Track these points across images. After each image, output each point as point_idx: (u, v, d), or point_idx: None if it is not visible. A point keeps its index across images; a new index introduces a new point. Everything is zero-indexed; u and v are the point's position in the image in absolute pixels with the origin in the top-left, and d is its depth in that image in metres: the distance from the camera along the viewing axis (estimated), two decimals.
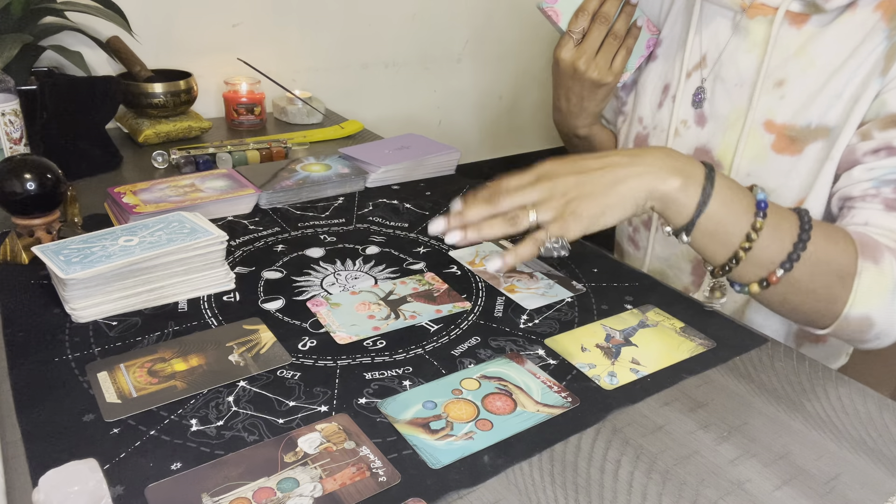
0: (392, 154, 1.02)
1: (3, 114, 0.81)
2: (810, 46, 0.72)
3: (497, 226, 0.60)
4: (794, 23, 0.73)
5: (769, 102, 0.75)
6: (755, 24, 0.76)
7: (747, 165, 0.76)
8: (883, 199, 0.65)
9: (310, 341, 0.62)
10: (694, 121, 0.81)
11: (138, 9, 1.16)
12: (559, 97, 0.90)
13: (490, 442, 0.51)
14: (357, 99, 1.49)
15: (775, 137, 0.74)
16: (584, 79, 0.84)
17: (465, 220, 0.61)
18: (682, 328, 0.67)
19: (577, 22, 0.82)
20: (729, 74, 0.78)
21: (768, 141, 0.75)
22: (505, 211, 0.61)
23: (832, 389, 0.60)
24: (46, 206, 0.70)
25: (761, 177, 0.76)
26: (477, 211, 0.61)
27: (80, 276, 0.60)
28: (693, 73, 0.82)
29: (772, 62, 0.74)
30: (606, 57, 0.84)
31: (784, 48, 0.74)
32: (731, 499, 0.48)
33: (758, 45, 0.75)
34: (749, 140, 0.76)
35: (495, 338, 0.64)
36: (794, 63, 0.73)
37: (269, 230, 0.83)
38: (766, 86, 0.75)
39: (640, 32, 0.85)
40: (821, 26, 0.72)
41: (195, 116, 1.15)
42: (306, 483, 0.46)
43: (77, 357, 0.58)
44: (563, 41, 0.84)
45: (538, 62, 1.76)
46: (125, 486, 0.45)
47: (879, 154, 0.66)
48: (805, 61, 0.72)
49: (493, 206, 0.61)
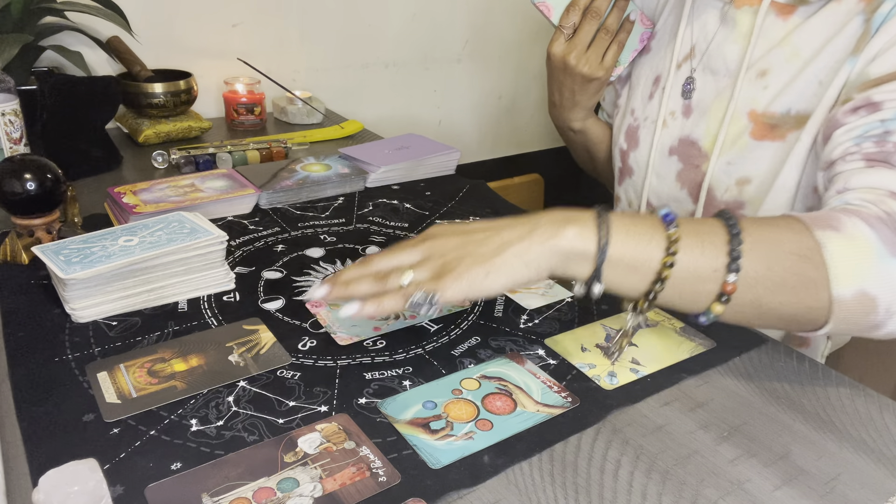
0: (392, 154, 1.02)
1: (3, 114, 0.81)
2: (794, 36, 0.72)
3: (365, 283, 0.55)
4: (781, 14, 0.73)
5: (752, 92, 0.75)
6: (741, 15, 0.76)
7: (728, 154, 0.77)
8: (863, 154, 0.60)
9: (310, 341, 0.62)
10: (681, 111, 0.82)
11: (138, 9, 1.16)
12: (552, 91, 0.91)
13: (490, 442, 0.51)
14: (357, 99, 1.49)
15: (754, 126, 0.74)
16: (574, 73, 0.85)
17: (336, 280, 0.57)
18: (682, 328, 0.67)
19: (568, 17, 0.82)
20: (716, 65, 0.78)
21: (748, 129, 0.75)
22: (378, 270, 0.56)
23: (832, 389, 0.60)
24: (46, 206, 0.70)
25: (744, 166, 0.76)
26: (351, 272, 0.57)
27: (80, 276, 0.60)
28: (683, 65, 0.82)
29: (755, 52, 0.74)
30: (598, 52, 0.84)
31: (769, 39, 0.74)
32: (731, 499, 0.48)
33: (743, 36, 0.76)
34: (731, 129, 0.76)
35: (495, 338, 0.64)
36: (779, 53, 0.73)
37: (269, 230, 0.83)
38: (750, 76, 0.75)
39: (634, 26, 0.86)
40: (805, 17, 0.72)
41: (195, 116, 1.15)
42: (306, 483, 0.46)
43: (77, 357, 0.58)
44: (554, 36, 0.84)
45: (538, 62, 1.76)
46: (125, 486, 0.45)
47: (859, 112, 0.62)
48: (789, 51, 0.72)
49: (366, 267, 0.57)
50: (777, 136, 0.73)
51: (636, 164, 0.87)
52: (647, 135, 0.85)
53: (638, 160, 0.87)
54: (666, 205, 0.83)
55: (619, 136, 0.90)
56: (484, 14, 1.61)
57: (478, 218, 0.90)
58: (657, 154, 0.84)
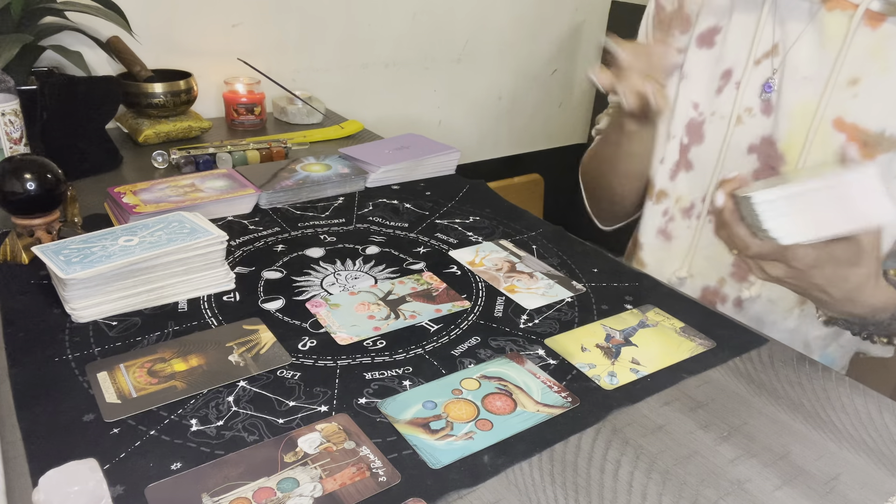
0: (392, 154, 1.02)
1: (3, 114, 0.81)
2: (887, 48, 0.71)
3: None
4: (870, 21, 0.72)
5: (840, 100, 0.73)
6: (832, 18, 0.74)
7: (814, 162, 0.75)
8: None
9: (310, 341, 0.62)
10: (760, 109, 0.79)
11: (138, 9, 1.15)
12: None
13: (490, 442, 0.51)
14: (357, 99, 1.49)
15: (846, 138, 0.73)
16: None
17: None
18: (682, 328, 0.67)
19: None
20: (800, 66, 0.76)
21: (838, 140, 0.73)
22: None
23: (832, 389, 0.60)
24: (46, 206, 0.70)
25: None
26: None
27: (80, 276, 0.60)
28: (763, 61, 0.80)
29: (846, 59, 0.73)
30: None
31: (857, 46, 0.72)
32: (731, 499, 0.48)
33: (832, 40, 0.74)
34: (818, 137, 0.75)
35: (495, 338, 0.64)
36: (871, 63, 0.72)
37: (269, 230, 0.83)
38: (839, 83, 0.73)
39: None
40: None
41: (195, 116, 1.15)
42: (306, 483, 0.46)
43: (77, 357, 0.58)
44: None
45: (538, 62, 1.77)
46: (125, 486, 0.45)
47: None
48: (881, 63, 0.71)
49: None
50: (867, 153, 0.72)
51: (698, 159, 0.84)
52: (717, 130, 0.82)
53: (701, 156, 0.84)
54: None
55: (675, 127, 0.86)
56: (484, 14, 1.61)
57: (478, 218, 0.90)
58: (730, 151, 0.81)
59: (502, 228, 0.87)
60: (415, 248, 0.81)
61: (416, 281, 0.73)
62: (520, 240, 0.84)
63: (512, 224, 0.89)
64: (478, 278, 0.74)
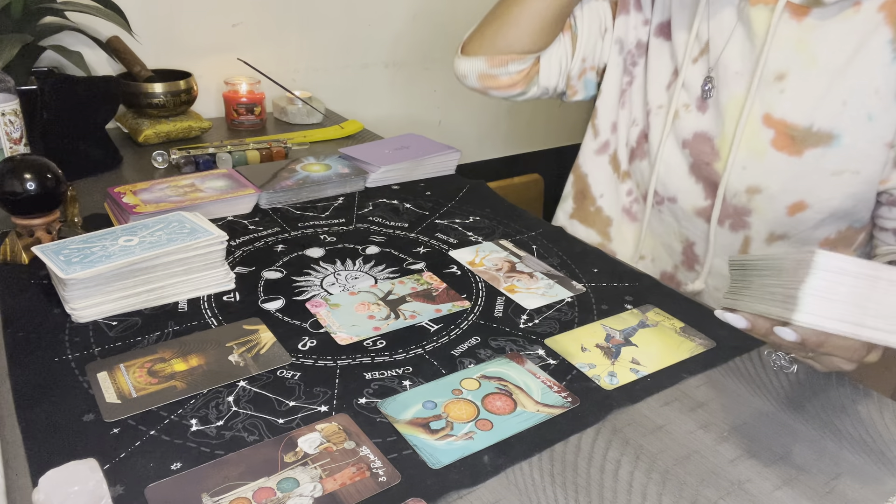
0: (392, 154, 1.02)
1: (3, 114, 0.81)
2: (811, 41, 0.72)
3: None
4: (795, 15, 0.73)
5: (768, 95, 0.74)
6: (756, 12, 0.75)
7: (744, 158, 0.76)
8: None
9: (310, 341, 0.62)
10: (696, 105, 0.81)
11: (138, 9, 1.15)
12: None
13: (490, 442, 0.51)
14: (357, 99, 1.49)
15: (775, 133, 0.74)
16: None
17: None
18: (682, 328, 0.67)
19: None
20: (731, 62, 0.78)
21: (767, 136, 0.75)
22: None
23: (832, 389, 0.60)
24: (46, 206, 0.70)
25: (757, 172, 0.76)
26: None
27: (80, 276, 0.60)
28: (699, 59, 0.81)
29: (771, 54, 0.74)
30: None
31: (784, 39, 0.73)
32: (731, 499, 0.48)
33: (758, 35, 0.75)
34: (746, 132, 0.76)
35: (495, 338, 0.64)
36: (796, 57, 0.73)
37: (269, 230, 0.83)
38: (766, 78, 0.75)
39: None
40: (821, 20, 0.71)
41: (195, 116, 1.15)
42: (306, 483, 0.46)
43: (77, 357, 0.58)
44: None
45: None
46: (125, 486, 0.45)
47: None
48: (806, 57, 0.72)
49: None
50: (795, 150, 0.73)
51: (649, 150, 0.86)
52: (658, 123, 0.84)
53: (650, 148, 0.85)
54: (674, 196, 0.80)
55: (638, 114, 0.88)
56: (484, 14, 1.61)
57: (478, 218, 0.90)
58: (667, 144, 0.83)
59: (502, 228, 0.87)
60: (415, 248, 0.81)
61: (416, 281, 0.73)
62: (520, 240, 0.84)
63: (512, 224, 0.89)
64: (478, 278, 0.74)
